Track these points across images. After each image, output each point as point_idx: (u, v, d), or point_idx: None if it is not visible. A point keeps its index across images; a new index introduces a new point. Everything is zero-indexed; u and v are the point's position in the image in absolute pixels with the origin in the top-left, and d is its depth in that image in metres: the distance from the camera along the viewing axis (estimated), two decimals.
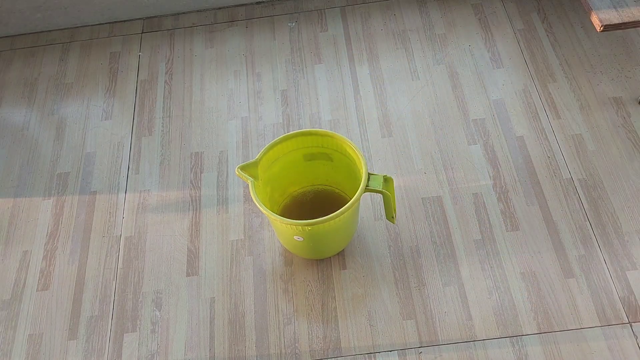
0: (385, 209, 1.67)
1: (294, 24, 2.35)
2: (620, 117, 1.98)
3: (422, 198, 1.86)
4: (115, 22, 2.43)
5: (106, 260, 1.81)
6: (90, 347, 1.66)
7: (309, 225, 1.53)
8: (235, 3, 2.43)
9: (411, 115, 2.05)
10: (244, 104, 2.13)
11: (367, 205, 1.86)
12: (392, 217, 1.67)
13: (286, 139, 1.69)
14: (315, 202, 1.84)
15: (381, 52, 2.23)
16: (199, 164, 2.00)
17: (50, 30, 2.43)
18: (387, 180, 1.60)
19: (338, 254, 1.77)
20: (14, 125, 2.16)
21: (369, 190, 1.58)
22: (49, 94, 2.23)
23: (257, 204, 1.55)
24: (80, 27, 2.43)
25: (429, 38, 2.25)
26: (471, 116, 2.03)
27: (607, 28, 1.71)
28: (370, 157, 1.97)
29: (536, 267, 1.70)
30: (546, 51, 2.17)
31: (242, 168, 1.60)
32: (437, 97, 2.09)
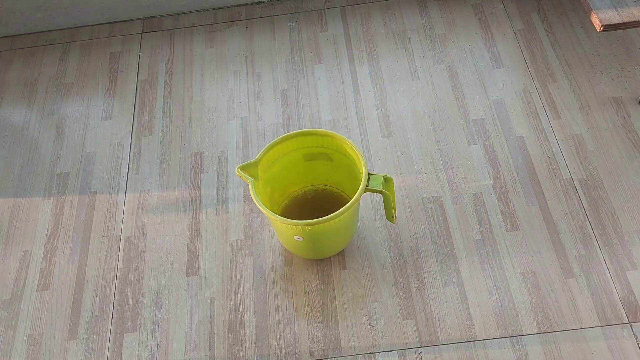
0: (385, 209, 1.67)
1: (294, 24, 2.35)
2: (620, 117, 1.98)
3: (422, 198, 1.86)
4: (115, 22, 2.43)
5: (106, 260, 1.81)
6: (90, 347, 1.66)
7: (309, 225, 1.53)
8: (235, 3, 2.43)
9: (411, 115, 2.05)
10: (244, 104, 2.13)
11: (367, 205, 1.86)
12: (392, 217, 1.67)
13: (286, 139, 1.69)
14: (315, 202, 1.84)
15: (381, 52, 2.23)
16: (199, 164, 2.00)
17: (50, 30, 2.43)
18: (387, 180, 1.60)
19: (338, 254, 1.77)
20: (14, 125, 2.16)
21: (369, 190, 1.58)
22: (49, 94, 2.23)
23: (257, 204, 1.55)
24: (80, 27, 2.43)
25: (429, 38, 2.25)
26: (471, 116, 2.03)
27: (607, 28, 1.71)
28: (370, 157, 1.97)
29: (536, 267, 1.70)
30: (546, 51, 2.17)
31: (242, 168, 1.60)
32: (437, 97, 2.09)
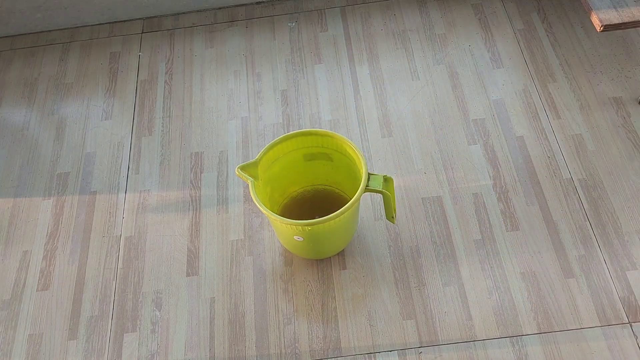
0: (385, 209, 1.67)
1: (294, 24, 2.35)
2: (620, 117, 1.98)
3: (422, 198, 1.86)
4: (115, 22, 2.43)
5: (106, 260, 1.81)
6: (90, 347, 1.66)
7: (309, 225, 1.53)
8: (235, 3, 2.43)
9: (411, 115, 2.05)
10: (244, 104, 2.13)
11: (367, 205, 1.86)
12: (392, 217, 1.67)
13: (286, 139, 1.69)
14: (315, 202, 1.84)
15: (381, 52, 2.23)
16: (199, 164, 2.00)
17: (50, 30, 2.43)
18: (387, 180, 1.60)
19: (338, 254, 1.77)
20: (14, 125, 2.16)
21: (369, 190, 1.58)
22: (49, 94, 2.23)
23: (257, 204, 1.55)
24: (80, 27, 2.43)
25: (429, 38, 2.25)
26: (471, 116, 2.03)
27: (607, 28, 1.71)
28: (370, 157, 1.97)
29: (536, 267, 1.70)
30: (546, 51, 2.17)
31: (242, 168, 1.60)
32: (437, 97, 2.09)
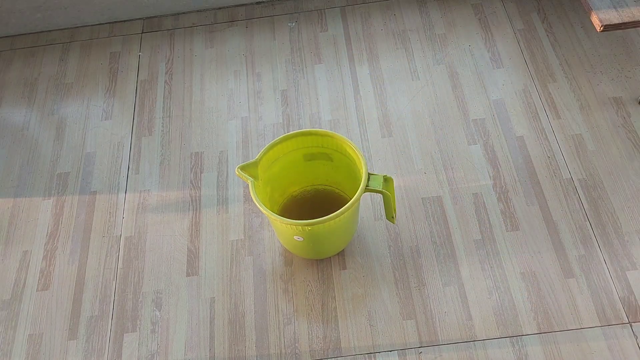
0: (385, 209, 1.67)
1: (294, 24, 2.35)
2: (620, 117, 1.98)
3: (422, 198, 1.86)
4: (115, 22, 2.43)
5: (106, 260, 1.81)
6: (90, 347, 1.66)
7: (309, 225, 1.53)
8: (235, 3, 2.43)
9: (411, 115, 2.05)
10: (244, 104, 2.13)
11: (367, 205, 1.86)
12: (392, 217, 1.67)
13: (286, 139, 1.69)
14: (315, 202, 1.84)
15: (381, 52, 2.23)
16: (199, 164, 2.00)
17: (50, 30, 2.43)
18: (387, 180, 1.60)
19: (338, 254, 1.77)
20: (14, 125, 2.16)
21: (369, 190, 1.58)
22: (49, 94, 2.23)
23: (257, 204, 1.55)
24: (80, 27, 2.43)
25: (429, 38, 2.25)
26: (471, 116, 2.03)
27: (607, 28, 1.71)
28: (370, 157, 1.97)
29: (536, 267, 1.70)
30: (546, 51, 2.17)
31: (242, 168, 1.60)
32: (437, 97, 2.09)
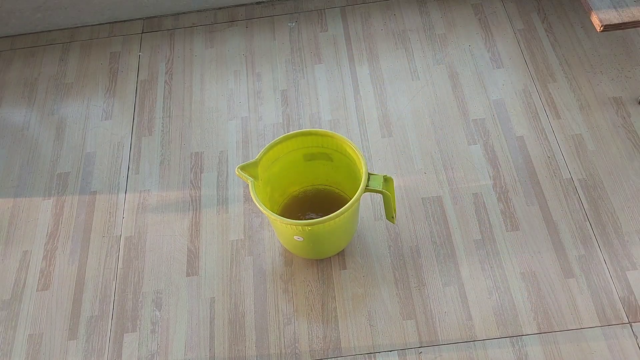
0: (385, 209, 1.67)
1: (294, 24, 2.35)
2: (620, 117, 1.98)
3: (422, 198, 1.86)
4: (115, 22, 2.43)
5: (106, 260, 1.81)
6: (90, 347, 1.66)
7: (309, 225, 1.53)
8: (235, 3, 2.43)
9: (411, 115, 2.05)
10: (244, 104, 2.13)
11: (367, 205, 1.86)
12: (392, 217, 1.67)
13: (286, 139, 1.69)
14: (315, 202, 1.84)
15: (381, 52, 2.23)
16: (199, 164, 2.00)
17: (50, 30, 2.43)
18: (387, 180, 1.60)
19: (338, 254, 1.77)
20: (14, 125, 2.16)
21: (369, 190, 1.58)
22: (49, 94, 2.23)
23: (257, 204, 1.55)
24: (80, 27, 2.43)
25: (429, 38, 2.25)
26: (471, 116, 2.03)
27: (607, 28, 1.71)
28: (370, 157, 1.97)
29: (536, 267, 1.70)
30: (546, 51, 2.17)
31: (242, 168, 1.60)
32: (437, 97, 2.09)
